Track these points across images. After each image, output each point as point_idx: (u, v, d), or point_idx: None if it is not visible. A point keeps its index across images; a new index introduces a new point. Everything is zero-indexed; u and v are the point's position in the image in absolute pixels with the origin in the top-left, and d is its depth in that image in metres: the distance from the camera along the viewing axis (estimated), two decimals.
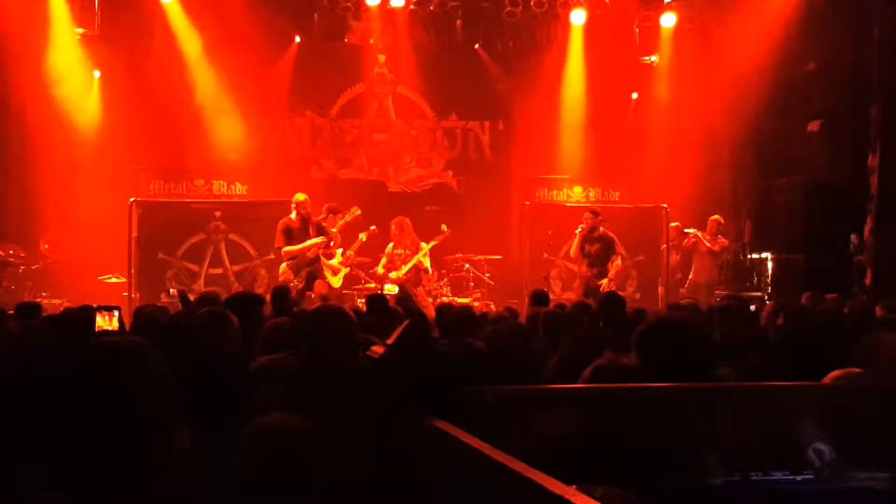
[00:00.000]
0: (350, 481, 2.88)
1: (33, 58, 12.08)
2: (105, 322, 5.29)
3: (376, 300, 6.79)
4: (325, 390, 3.32)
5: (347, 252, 11.04)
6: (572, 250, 11.05)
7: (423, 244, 10.93)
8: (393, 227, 11.02)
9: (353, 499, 2.84)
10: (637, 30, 13.64)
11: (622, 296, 7.16)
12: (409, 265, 10.82)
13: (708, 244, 12.06)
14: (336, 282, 10.91)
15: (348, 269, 11.15)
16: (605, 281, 10.67)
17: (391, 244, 11.06)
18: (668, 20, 13.46)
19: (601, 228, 10.86)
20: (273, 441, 2.60)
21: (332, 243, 10.64)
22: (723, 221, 12.31)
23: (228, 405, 3.29)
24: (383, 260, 11.08)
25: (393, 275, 10.88)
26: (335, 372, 3.45)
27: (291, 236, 10.13)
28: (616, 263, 10.90)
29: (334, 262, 11.00)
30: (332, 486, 2.69)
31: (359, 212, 10.70)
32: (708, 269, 12.18)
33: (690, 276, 12.25)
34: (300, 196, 10.24)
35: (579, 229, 10.79)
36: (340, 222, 10.74)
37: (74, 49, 12.46)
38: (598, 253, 10.79)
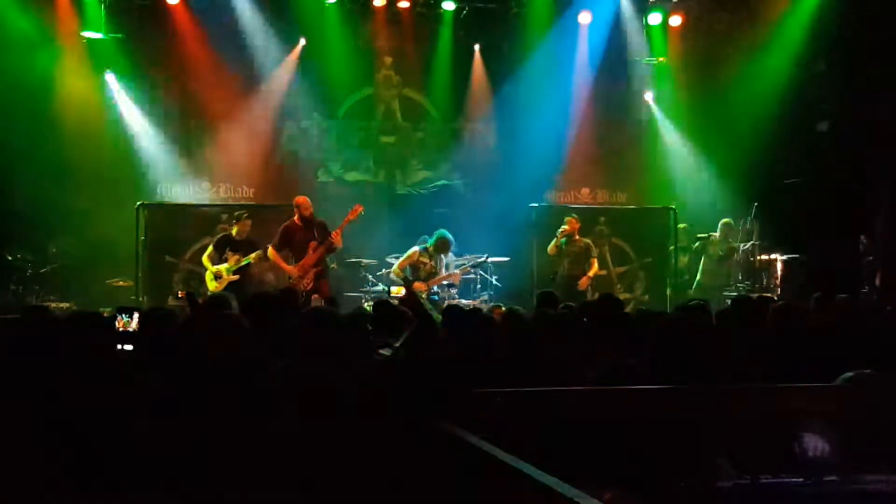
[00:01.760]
0: (356, 480, 2.87)
1: (41, 61, 12.09)
2: (125, 323, 5.38)
3: (381, 307, 6.60)
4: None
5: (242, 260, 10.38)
6: (550, 248, 11.12)
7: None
8: (437, 244, 10.54)
9: (362, 499, 2.83)
10: (644, 30, 13.59)
11: (625, 297, 7.14)
12: (437, 279, 10.59)
13: (716, 249, 12.07)
14: (212, 285, 10.34)
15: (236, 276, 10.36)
16: (584, 279, 10.95)
17: (417, 249, 10.60)
18: (675, 20, 13.43)
19: (576, 236, 11.14)
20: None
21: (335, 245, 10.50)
22: (733, 225, 12.26)
23: (241, 406, 3.28)
24: (404, 259, 10.63)
25: (394, 273, 10.59)
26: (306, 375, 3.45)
27: (292, 240, 10.13)
28: (595, 266, 11.18)
29: (224, 266, 10.35)
30: (339, 484, 2.68)
31: (361, 210, 10.49)
32: (716, 272, 12.15)
33: (698, 278, 12.22)
34: (300, 198, 10.29)
35: (561, 230, 11.04)
36: (344, 222, 10.58)
37: (82, 52, 12.46)
38: (579, 253, 11.07)
